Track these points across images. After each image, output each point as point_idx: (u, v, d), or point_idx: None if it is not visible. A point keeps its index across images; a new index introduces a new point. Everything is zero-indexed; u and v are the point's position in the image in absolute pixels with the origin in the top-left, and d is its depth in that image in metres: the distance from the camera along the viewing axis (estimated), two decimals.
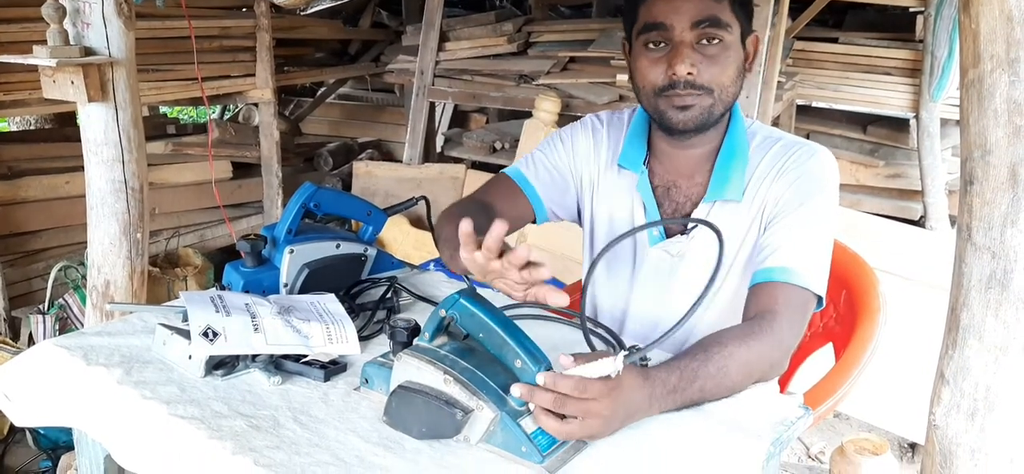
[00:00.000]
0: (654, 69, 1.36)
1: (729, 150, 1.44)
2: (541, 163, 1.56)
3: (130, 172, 2.11)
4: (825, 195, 1.39)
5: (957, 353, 1.09)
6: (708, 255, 1.44)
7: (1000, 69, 1.02)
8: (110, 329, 1.40)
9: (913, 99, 3.76)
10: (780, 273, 1.33)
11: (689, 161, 1.47)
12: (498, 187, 1.54)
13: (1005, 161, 1.03)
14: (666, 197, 1.49)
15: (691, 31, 1.33)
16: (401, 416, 1.11)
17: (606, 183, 1.54)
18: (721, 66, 1.35)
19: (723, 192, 1.42)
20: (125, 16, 2.08)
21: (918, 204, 3.84)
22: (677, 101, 1.36)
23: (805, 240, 1.35)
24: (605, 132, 1.56)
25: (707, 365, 1.17)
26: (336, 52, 5.15)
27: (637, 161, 1.49)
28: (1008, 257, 1.04)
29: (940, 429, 1.11)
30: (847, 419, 2.72)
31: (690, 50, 1.33)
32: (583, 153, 1.56)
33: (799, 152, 1.42)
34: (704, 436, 1.13)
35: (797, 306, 1.31)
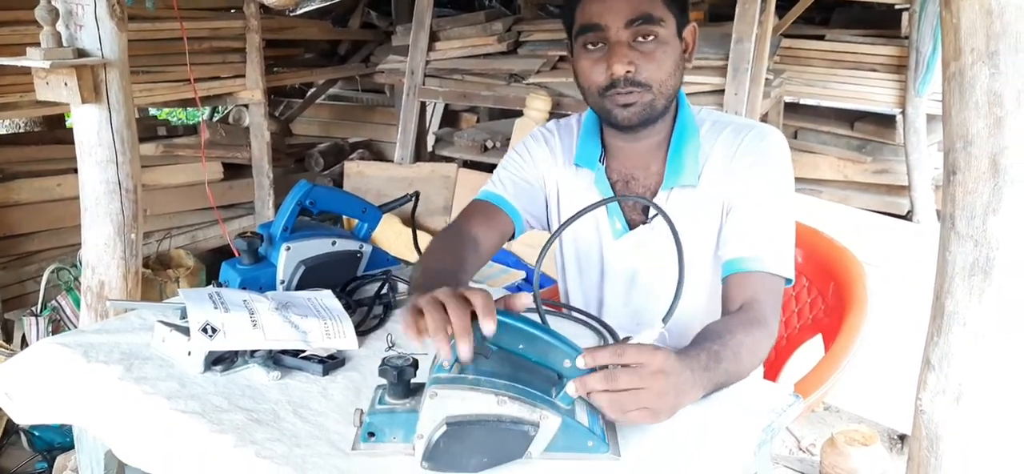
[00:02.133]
0: (595, 69, 1.40)
1: (679, 137, 1.47)
2: (509, 178, 1.60)
3: (124, 173, 2.12)
4: (781, 176, 1.43)
5: (942, 339, 1.12)
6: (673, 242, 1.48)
7: (980, 62, 1.05)
8: (109, 327, 1.42)
9: (899, 95, 3.80)
10: (753, 262, 1.36)
11: (642, 153, 1.50)
12: (476, 214, 1.57)
13: (986, 151, 1.06)
14: (625, 190, 1.53)
15: (626, 30, 1.36)
16: (453, 455, 1.01)
17: (566, 185, 1.59)
18: (658, 62, 1.38)
19: (678, 178, 1.46)
20: (118, 18, 2.09)
21: (905, 199, 3.88)
22: (619, 99, 1.40)
23: (770, 225, 1.39)
24: (557, 138, 1.61)
25: (726, 348, 1.19)
26: (326, 53, 5.15)
27: (592, 158, 1.53)
28: (990, 245, 1.07)
29: (926, 414, 1.14)
30: (837, 411, 2.75)
31: (627, 48, 1.36)
32: (542, 160, 1.60)
33: (750, 135, 1.45)
34: (695, 424, 1.15)
35: (772, 291, 1.36)
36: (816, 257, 1.80)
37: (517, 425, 1.01)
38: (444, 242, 1.48)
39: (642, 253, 1.51)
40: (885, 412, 2.60)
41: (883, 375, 2.47)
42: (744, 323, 1.28)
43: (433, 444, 1.00)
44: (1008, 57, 1.03)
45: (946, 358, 1.11)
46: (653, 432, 1.12)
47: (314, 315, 1.38)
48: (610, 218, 1.53)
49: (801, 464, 2.49)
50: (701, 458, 1.09)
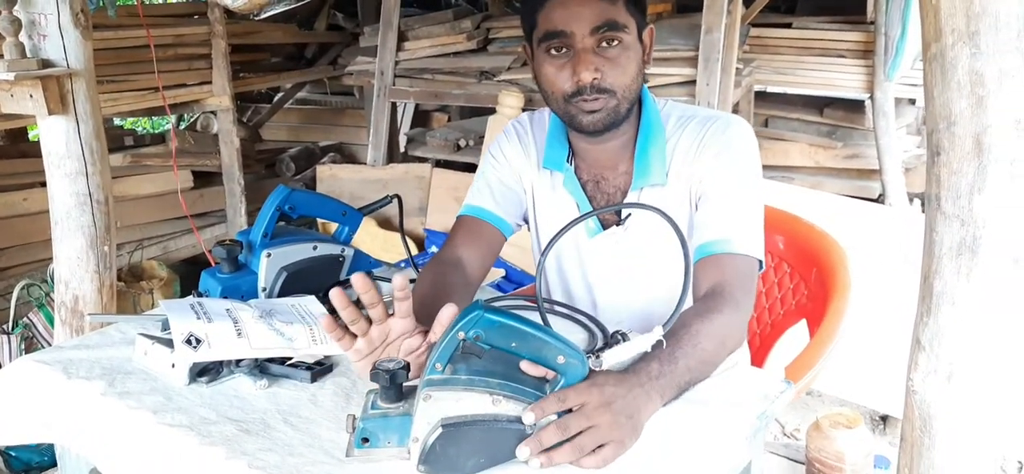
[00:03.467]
0: (559, 76, 1.39)
1: (645, 136, 1.48)
2: (488, 184, 1.59)
3: (94, 184, 2.08)
4: (747, 161, 1.44)
5: (932, 320, 1.13)
6: (646, 238, 1.50)
7: (961, 42, 1.05)
8: (88, 342, 1.38)
9: (867, 80, 3.84)
10: (720, 245, 1.37)
11: (609, 154, 1.50)
12: (461, 233, 1.56)
13: (970, 131, 1.07)
14: (597, 191, 1.53)
15: (591, 37, 1.35)
16: (450, 457, 1.00)
17: (540, 185, 1.58)
18: (622, 67, 1.38)
19: (647, 178, 1.46)
20: (82, 26, 2.04)
21: (876, 183, 3.92)
22: (585, 106, 1.39)
23: (737, 209, 1.40)
24: (529, 134, 1.60)
25: (680, 344, 1.18)
26: (292, 56, 5.11)
27: (560, 160, 1.52)
28: (976, 224, 1.08)
29: (918, 394, 1.15)
30: (819, 396, 2.78)
31: (592, 55, 1.36)
32: (515, 160, 1.59)
33: (714, 125, 1.46)
34: (689, 416, 1.15)
35: (743, 272, 1.36)
36: (798, 243, 1.81)
37: (513, 424, 1.01)
38: (426, 276, 1.46)
39: (617, 252, 1.52)
40: (866, 394, 2.63)
41: (862, 357, 2.49)
42: (703, 311, 1.27)
43: (429, 447, 0.99)
44: (989, 36, 1.04)
45: (937, 338, 1.12)
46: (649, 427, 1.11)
47: (299, 321, 1.36)
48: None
49: (787, 449, 2.51)
50: (699, 449, 1.09)
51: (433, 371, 1.02)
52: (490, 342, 1.03)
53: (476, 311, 1.00)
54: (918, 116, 4.46)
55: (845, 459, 2.16)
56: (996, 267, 1.07)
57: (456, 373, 1.02)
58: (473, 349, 1.03)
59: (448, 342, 1.01)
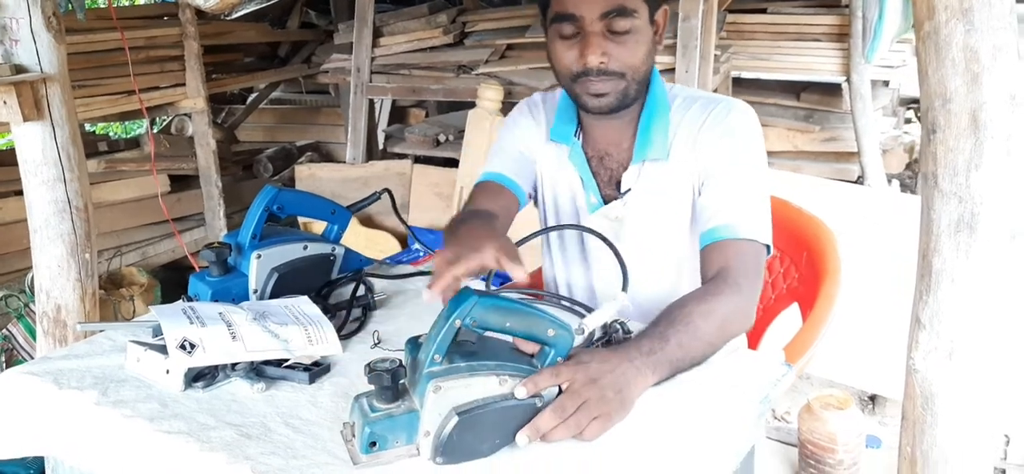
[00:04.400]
0: (567, 56, 1.41)
1: (649, 113, 1.49)
2: (504, 153, 1.62)
3: (73, 191, 2.04)
4: (751, 145, 1.45)
5: (931, 297, 1.13)
6: (649, 217, 1.51)
7: (955, 19, 1.06)
8: (77, 351, 1.35)
9: (843, 63, 3.86)
10: (725, 230, 1.37)
11: (614, 130, 1.52)
12: (482, 195, 1.58)
13: (965, 108, 1.08)
14: (601, 166, 1.55)
15: (600, 21, 1.37)
16: (467, 444, 1.01)
17: (547, 158, 1.61)
18: (631, 50, 1.39)
19: (648, 152, 1.48)
20: (55, 30, 2.00)
21: (855, 165, 3.95)
22: (591, 88, 1.41)
23: (742, 193, 1.40)
24: (542, 110, 1.63)
25: (673, 324, 1.19)
26: (266, 55, 5.05)
27: (568, 134, 1.55)
28: (974, 200, 1.08)
29: (920, 373, 1.15)
30: (808, 378, 2.80)
31: (600, 39, 1.37)
32: (529, 133, 1.62)
33: (718, 109, 1.47)
34: (695, 402, 1.15)
35: (749, 257, 1.36)
36: (788, 227, 1.81)
37: (524, 400, 1.02)
38: (466, 212, 1.49)
39: (617, 226, 1.53)
40: (854, 374, 2.65)
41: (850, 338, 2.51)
42: (702, 294, 1.28)
43: (446, 437, 0.99)
44: (982, 12, 1.05)
45: (937, 316, 1.13)
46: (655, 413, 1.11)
47: (294, 323, 1.34)
48: (585, 192, 1.55)
49: (779, 432, 2.52)
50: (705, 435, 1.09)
51: (433, 363, 1.01)
52: (485, 325, 1.03)
53: (470, 298, 1.01)
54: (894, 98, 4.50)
55: (837, 440, 2.17)
56: (995, 242, 1.08)
57: (455, 361, 1.02)
58: (466, 335, 1.04)
59: (446, 332, 1.01)
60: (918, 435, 1.18)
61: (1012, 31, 1.06)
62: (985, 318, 1.11)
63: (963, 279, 1.10)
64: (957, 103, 1.08)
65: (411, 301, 1.53)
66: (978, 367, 1.12)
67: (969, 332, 1.11)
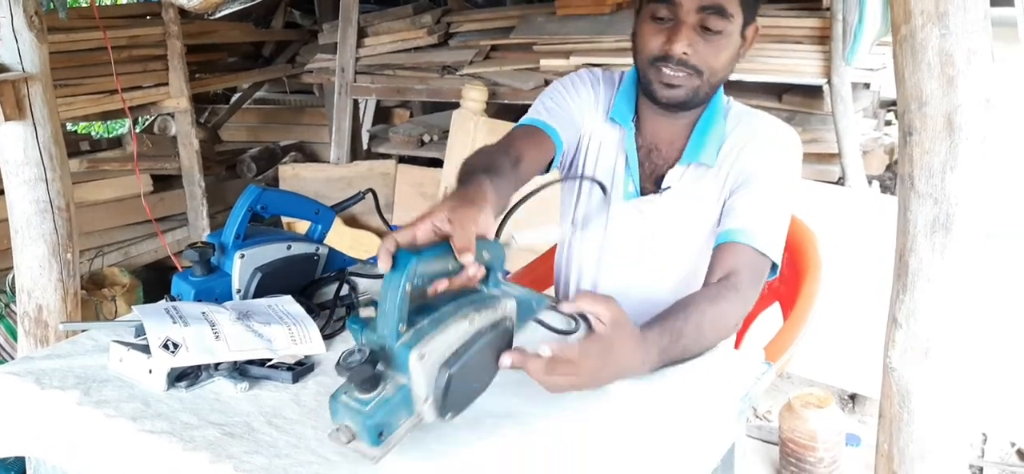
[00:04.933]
0: (653, 38, 1.41)
1: (707, 120, 1.50)
2: (554, 107, 1.56)
3: (54, 191, 2.03)
4: (788, 169, 1.47)
5: (908, 297, 1.15)
6: (678, 220, 1.51)
7: (931, 23, 1.07)
8: (60, 351, 1.35)
9: (824, 66, 3.88)
10: (742, 235, 1.39)
11: (670, 128, 1.53)
12: (519, 135, 1.51)
13: (941, 110, 1.09)
14: (647, 158, 1.55)
15: (696, 14, 1.37)
16: (465, 390, 1.02)
17: (598, 134, 1.59)
18: (716, 51, 1.40)
19: (697, 156, 1.49)
20: (37, 29, 1.99)
21: (836, 166, 3.98)
22: (666, 78, 1.41)
23: (767, 208, 1.42)
24: (602, 86, 1.61)
25: (688, 325, 1.21)
26: (249, 55, 5.03)
27: (627, 117, 1.54)
28: (949, 201, 1.10)
29: (896, 371, 1.17)
30: (789, 378, 2.82)
31: (691, 31, 1.38)
32: (587, 102, 1.60)
33: (768, 126, 1.51)
34: (677, 399, 1.16)
35: (756, 269, 1.38)
36: None
37: (497, 327, 1.04)
38: (482, 151, 1.42)
39: (644, 219, 1.53)
40: (834, 373, 2.68)
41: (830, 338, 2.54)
42: (714, 297, 1.30)
43: (443, 395, 0.99)
44: (957, 17, 1.06)
45: (913, 315, 1.14)
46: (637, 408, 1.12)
47: (277, 322, 1.34)
48: (627, 177, 1.54)
49: (760, 431, 2.54)
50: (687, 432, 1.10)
51: (400, 335, 0.99)
52: (431, 277, 1.02)
53: (410, 261, 0.99)
54: (874, 100, 4.54)
55: (818, 438, 2.20)
56: (969, 243, 1.10)
57: (418, 323, 1.00)
58: (415, 294, 1.01)
59: (401, 300, 0.98)
60: (895, 432, 1.20)
61: (986, 35, 1.08)
62: (960, 317, 1.13)
63: (939, 278, 1.12)
64: (933, 106, 1.10)
65: None
66: (953, 365, 1.14)
67: (944, 331, 1.13)
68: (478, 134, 3.47)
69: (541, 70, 3.61)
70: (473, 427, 1.09)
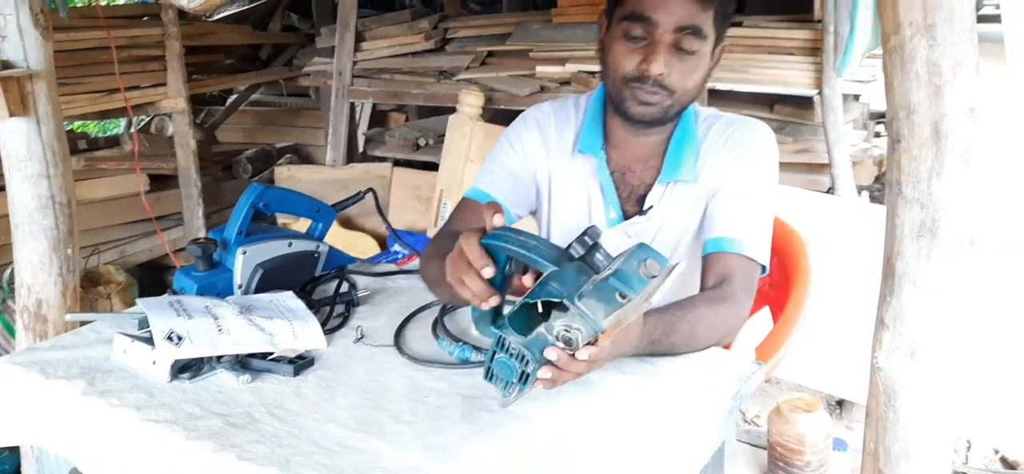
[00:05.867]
0: (628, 58, 1.39)
1: (681, 136, 1.50)
2: (497, 171, 1.57)
3: (56, 187, 2.05)
4: (767, 169, 1.49)
5: (894, 299, 1.18)
6: (665, 232, 1.52)
7: (919, 34, 1.11)
8: (64, 342, 1.37)
9: (816, 77, 3.93)
10: (733, 244, 1.41)
11: (643, 147, 1.52)
12: (465, 213, 1.54)
13: (928, 119, 1.13)
14: (622, 181, 1.54)
15: (673, 33, 1.36)
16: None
17: (561, 172, 1.57)
18: (690, 72, 1.39)
19: (677, 174, 1.49)
20: (42, 27, 2.02)
21: (826, 176, 4.02)
22: (640, 96, 1.40)
23: (752, 212, 1.44)
24: (552, 124, 1.58)
25: (682, 321, 1.24)
26: (247, 57, 5.05)
27: (596, 146, 1.52)
28: (936, 206, 1.13)
29: (883, 372, 1.20)
30: (777, 382, 2.86)
31: (667, 51, 1.36)
32: (533, 150, 1.58)
33: (742, 127, 1.51)
34: (668, 396, 1.19)
35: (749, 276, 1.41)
36: None
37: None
38: (437, 248, 1.43)
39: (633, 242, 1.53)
40: (822, 379, 2.71)
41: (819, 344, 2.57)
42: (711, 299, 1.34)
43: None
44: (944, 28, 1.10)
45: (899, 317, 1.18)
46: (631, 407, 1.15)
47: (279, 317, 1.37)
48: (605, 205, 1.53)
49: (749, 435, 2.58)
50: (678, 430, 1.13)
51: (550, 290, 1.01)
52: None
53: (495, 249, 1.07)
54: (864, 112, 4.59)
55: (805, 442, 2.23)
56: (954, 247, 1.13)
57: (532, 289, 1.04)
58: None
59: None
60: (881, 431, 1.23)
61: (972, 47, 1.12)
62: (945, 319, 1.16)
63: (924, 282, 1.15)
64: (920, 114, 1.13)
65: (393, 298, 1.56)
66: (938, 366, 1.17)
67: (930, 332, 1.16)
68: (474, 139, 3.50)
69: (537, 76, 3.64)
70: (473, 425, 1.11)
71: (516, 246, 1.05)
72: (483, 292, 1.09)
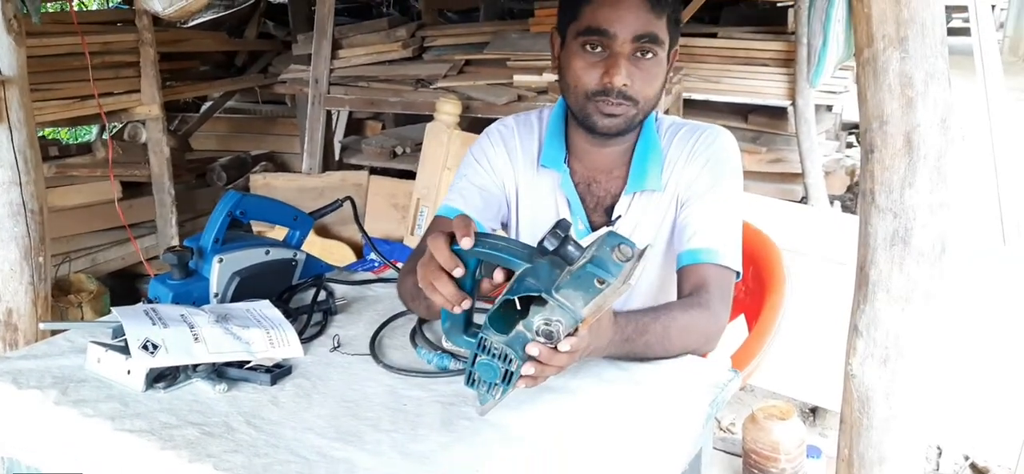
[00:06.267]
0: (589, 72, 1.40)
1: (645, 145, 1.51)
2: (468, 188, 1.57)
3: (28, 194, 2.02)
4: (733, 175, 1.51)
5: (868, 307, 1.20)
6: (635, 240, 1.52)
7: (892, 47, 1.13)
8: (36, 352, 1.35)
9: (789, 88, 3.99)
10: (707, 254, 1.42)
11: (608, 158, 1.53)
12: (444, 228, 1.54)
13: (900, 130, 1.15)
14: (587, 192, 1.55)
15: (631, 43, 1.37)
16: None
17: (527, 186, 1.58)
18: (650, 79, 1.41)
19: (643, 184, 1.50)
20: (15, 32, 2.00)
21: (799, 186, 4.08)
22: (605, 108, 1.41)
23: (722, 220, 1.46)
24: (516, 138, 1.59)
25: (656, 323, 1.25)
26: (222, 64, 5.02)
27: (558, 160, 1.53)
28: (908, 215, 1.16)
29: (857, 378, 1.22)
30: (752, 390, 2.88)
31: (627, 61, 1.38)
32: (499, 165, 1.59)
33: (705, 135, 1.52)
34: (645, 404, 1.20)
35: (724, 284, 1.42)
36: None
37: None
38: (412, 265, 1.41)
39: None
40: (796, 387, 2.74)
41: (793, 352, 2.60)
42: (686, 305, 1.35)
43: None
44: (916, 42, 1.12)
45: (873, 324, 1.20)
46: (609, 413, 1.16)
47: (256, 325, 1.36)
48: (573, 218, 1.54)
49: (724, 443, 2.59)
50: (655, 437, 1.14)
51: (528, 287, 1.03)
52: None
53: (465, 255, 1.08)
54: (836, 122, 4.65)
55: (780, 449, 2.25)
56: (926, 256, 1.15)
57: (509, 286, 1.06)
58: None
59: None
60: (855, 437, 1.25)
61: (943, 60, 1.14)
62: (917, 326, 1.18)
63: (897, 290, 1.17)
64: (893, 125, 1.15)
65: (371, 307, 1.55)
66: (911, 372, 1.19)
67: (902, 339, 1.18)
68: (451, 147, 3.50)
69: (514, 85, 3.65)
70: (452, 433, 1.11)
71: (487, 249, 1.06)
72: (454, 296, 1.09)
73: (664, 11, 1.40)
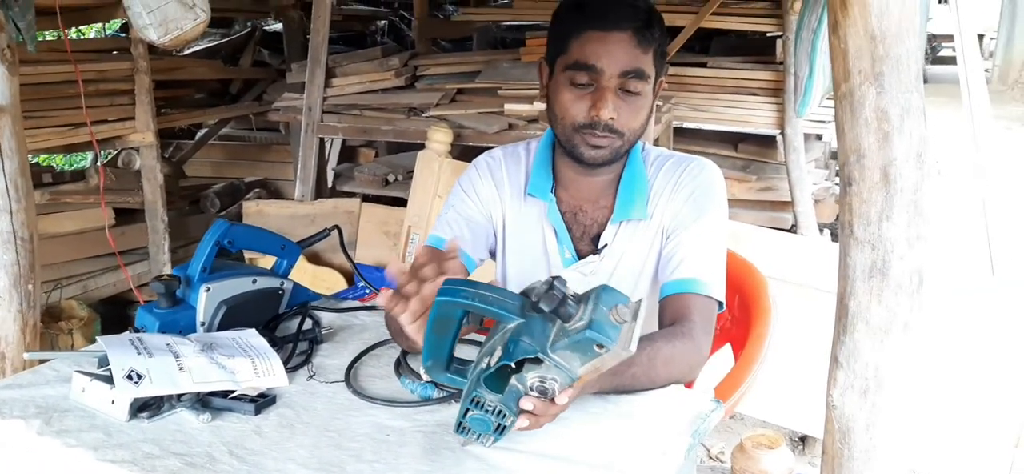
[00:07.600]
0: (576, 105, 1.43)
1: (631, 175, 1.54)
2: (455, 219, 1.60)
3: (19, 222, 2.03)
4: (718, 207, 1.53)
5: (847, 338, 1.21)
6: (621, 271, 1.55)
7: (868, 82, 1.15)
8: (20, 381, 1.36)
9: (778, 117, 4.02)
10: (690, 285, 1.44)
11: (594, 187, 1.56)
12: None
13: (877, 163, 1.16)
14: (574, 221, 1.57)
15: (618, 78, 1.40)
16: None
17: (514, 216, 1.61)
18: (636, 113, 1.44)
19: (629, 213, 1.53)
20: (9, 61, 2.02)
21: (789, 214, 4.10)
22: (592, 141, 1.44)
23: (706, 251, 1.48)
24: (503, 169, 1.62)
25: (641, 354, 1.25)
26: (216, 92, 5.05)
27: (545, 189, 1.56)
28: (886, 248, 1.17)
29: (837, 409, 1.23)
30: (741, 419, 2.88)
31: (614, 96, 1.41)
32: (486, 196, 1.61)
33: (690, 167, 1.55)
34: (627, 434, 1.20)
35: (707, 314, 1.44)
36: None
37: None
38: None
39: (588, 281, 1.55)
40: (785, 415, 2.74)
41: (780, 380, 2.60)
42: (669, 335, 1.36)
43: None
44: (891, 77, 1.14)
45: (853, 355, 1.21)
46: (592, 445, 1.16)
47: (241, 355, 1.37)
48: (560, 246, 1.56)
49: (713, 471, 2.59)
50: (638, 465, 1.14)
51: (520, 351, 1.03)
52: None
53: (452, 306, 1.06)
54: (826, 150, 4.68)
55: None
56: (904, 288, 1.17)
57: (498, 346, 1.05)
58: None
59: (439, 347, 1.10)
60: (837, 468, 1.25)
61: (919, 95, 1.16)
62: (896, 358, 1.19)
63: (876, 321, 1.18)
64: (870, 159, 1.17)
65: (357, 335, 1.56)
66: (890, 402, 1.20)
67: (882, 370, 1.19)
68: (442, 175, 3.52)
69: (506, 114, 3.68)
70: (434, 464, 1.12)
71: (477, 301, 1.06)
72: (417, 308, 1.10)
73: (651, 46, 1.43)
